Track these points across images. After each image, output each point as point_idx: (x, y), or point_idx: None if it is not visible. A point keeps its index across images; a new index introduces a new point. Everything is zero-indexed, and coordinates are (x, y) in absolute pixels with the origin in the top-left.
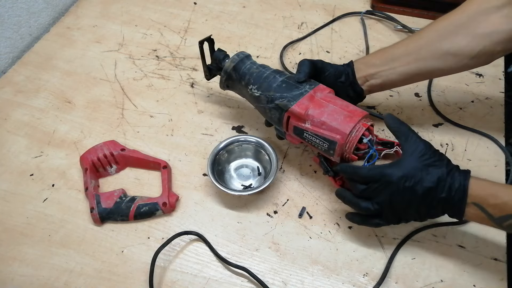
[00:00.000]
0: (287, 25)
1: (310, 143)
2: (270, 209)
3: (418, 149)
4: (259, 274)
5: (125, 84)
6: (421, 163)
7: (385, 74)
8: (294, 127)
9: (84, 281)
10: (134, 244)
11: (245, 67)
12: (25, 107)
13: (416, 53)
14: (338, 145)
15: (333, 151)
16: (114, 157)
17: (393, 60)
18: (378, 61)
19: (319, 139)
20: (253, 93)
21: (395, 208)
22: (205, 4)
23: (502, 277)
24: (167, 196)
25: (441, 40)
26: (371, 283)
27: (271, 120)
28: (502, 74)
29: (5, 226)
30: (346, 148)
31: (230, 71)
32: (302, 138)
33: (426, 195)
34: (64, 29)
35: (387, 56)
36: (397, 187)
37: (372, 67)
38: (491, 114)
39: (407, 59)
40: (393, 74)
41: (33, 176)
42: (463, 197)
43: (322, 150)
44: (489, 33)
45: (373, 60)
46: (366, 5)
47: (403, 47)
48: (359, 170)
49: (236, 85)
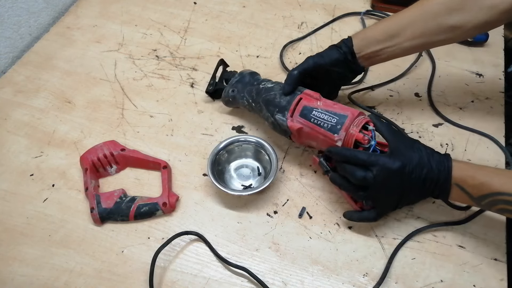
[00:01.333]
0: (287, 25)
1: (315, 122)
2: (270, 209)
3: (403, 139)
4: (259, 274)
5: (125, 84)
6: (412, 150)
7: (389, 50)
8: (304, 107)
9: (84, 281)
10: (134, 244)
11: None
12: (25, 107)
13: (422, 27)
14: (348, 118)
15: (340, 126)
16: (114, 157)
17: (398, 35)
18: (381, 36)
19: (328, 115)
20: (265, 84)
21: (393, 194)
22: (205, 4)
23: (502, 277)
24: (167, 196)
25: (449, 13)
26: (371, 283)
27: (277, 107)
28: (502, 74)
29: (5, 226)
30: (354, 125)
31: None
32: (307, 119)
33: (424, 178)
34: (64, 29)
35: (391, 31)
36: (397, 175)
37: (375, 43)
38: (491, 114)
39: (413, 34)
40: (398, 49)
41: (33, 176)
42: (448, 178)
43: (326, 128)
44: (497, 4)
45: (376, 35)
46: (366, 5)
47: (408, 20)
48: (359, 154)
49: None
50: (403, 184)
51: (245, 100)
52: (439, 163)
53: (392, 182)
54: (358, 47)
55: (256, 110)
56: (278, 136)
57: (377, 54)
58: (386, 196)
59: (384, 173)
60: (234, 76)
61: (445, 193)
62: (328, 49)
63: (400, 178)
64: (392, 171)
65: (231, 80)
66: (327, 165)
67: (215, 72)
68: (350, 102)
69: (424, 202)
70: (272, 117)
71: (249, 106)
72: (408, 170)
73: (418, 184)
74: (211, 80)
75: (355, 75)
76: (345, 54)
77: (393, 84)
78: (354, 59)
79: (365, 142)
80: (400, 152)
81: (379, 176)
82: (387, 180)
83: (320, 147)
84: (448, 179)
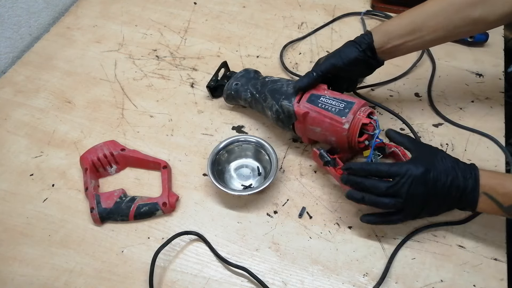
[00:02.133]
0: (287, 25)
1: (322, 107)
2: (270, 209)
3: (427, 147)
4: (259, 274)
5: (125, 84)
6: (435, 157)
7: (411, 44)
8: (312, 94)
9: (84, 281)
10: (134, 244)
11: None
12: (25, 107)
13: (445, 20)
14: (356, 104)
15: (348, 110)
16: (114, 157)
17: (421, 29)
18: (403, 31)
19: (336, 101)
20: (271, 78)
21: (418, 201)
22: (205, 4)
23: (502, 277)
24: (167, 196)
25: (473, 6)
26: (371, 283)
27: (284, 94)
28: (502, 74)
29: (5, 226)
30: (361, 111)
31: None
32: (314, 104)
33: (449, 185)
34: (64, 29)
35: (413, 25)
36: (422, 180)
37: (397, 38)
38: (491, 114)
39: (435, 27)
40: (420, 43)
41: (33, 176)
42: (475, 186)
43: (334, 112)
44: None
45: (398, 30)
46: (366, 5)
47: (430, 14)
48: (380, 166)
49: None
50: (428, 191)
51: (248, 93)
52: (464, 171)
53: (415, 189)
54: (379, 42)
55: (259, 101)
56: (278, 136)
57: (398, 48)
58: (409, 204)
59: (408, 180)
60: (238, 72)
61: (473, 203)
62: (346, 47)
63: (424, 184)
64: (416, 177)
65: (235, 74)
66: (327, 155)
67: (217, 71)
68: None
69: None
70: (277, 105)
71: (251, 97)
72: (433, 176)
73: (443, 192)
74: (213, 77)
75: (373, 69)
76: (364, 51)
77: (393, 84)
78: (374, 55)
79: (371, 128)
80: (424, 158)
81: (404, 184)
82: (411, 188)
83: (325, 134)
84: (475, 187)
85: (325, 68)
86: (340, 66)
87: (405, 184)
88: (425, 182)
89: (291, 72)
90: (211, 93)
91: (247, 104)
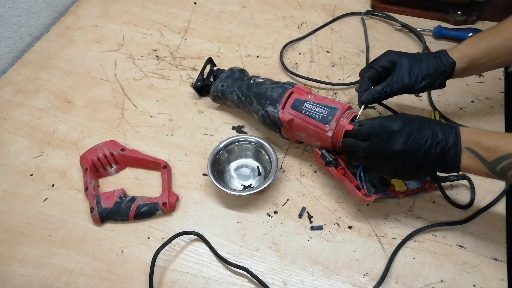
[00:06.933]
0: (287, 25)
1: (306, 114)
2: (270, 209)
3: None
4: (259, 274)
5: (125, 84)
6: (416, 116)
7: (486, 66)
8: (296, 99)
9: (84, 281)
10: (134, 244)
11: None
12: (25, 107)
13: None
14: (339, 110)
15: (331, 117)
16: (114, 157)
17: (496, 51)
18: (481, 53)
19: (319, 107)
20: (256, 80)
21: (395, 159)
22: (205, 4)
23: (502, 277)
24: (167, 196)
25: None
26: (371, 283)
27: (268, 99)
28: (502, 74)
29: (5, 226)
30: (344, 117)
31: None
32: (298, 111)
33: (429, 141)
34: (64, 29)
35: (490, 48)
36: (396, 135)
37: (476, 61)
38: (491, 114)
39: (509, 49)
40: (493, 65)
41: (33, 176)
42: (457, 142)
43: (317, 119)
44: None
45: (477, 54)
46: (366, 5)
47: (504, 37)
48: (361, 129)
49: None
50: (407, 146)
51: (234, 95)
52: (444, 127)
53: (391, 144)
54: (459, 69)
55: (245, 104)
56: (278, 136)
57: (475, 69)
58: (386, 161)
59: (381, 133)
60: (223, 73)
61: (455, 159)
62: (426, 74)
63: (400, 140)
64: (391, 131)
65: (221, 75)
66: (329, 156)
67: (203, 69)
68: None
69: (424, 202)
70: (262, 110)
71: (238, 100)
72: (409, 131)
73: (422, 148)
74: (199, 76)
75: None
76: (442, 80)
77: None
78: (451, 74)
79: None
80: (401, 116)
81: (377, 137)
82: (385, 142)
83: (310, 139)
84: (457, 142)
85: (397, 90)
86: (412, 89)
87: (378, 138)
88: (401, 138)
89: (291, 72)
90: (197, 93)
91: (234, 105)
